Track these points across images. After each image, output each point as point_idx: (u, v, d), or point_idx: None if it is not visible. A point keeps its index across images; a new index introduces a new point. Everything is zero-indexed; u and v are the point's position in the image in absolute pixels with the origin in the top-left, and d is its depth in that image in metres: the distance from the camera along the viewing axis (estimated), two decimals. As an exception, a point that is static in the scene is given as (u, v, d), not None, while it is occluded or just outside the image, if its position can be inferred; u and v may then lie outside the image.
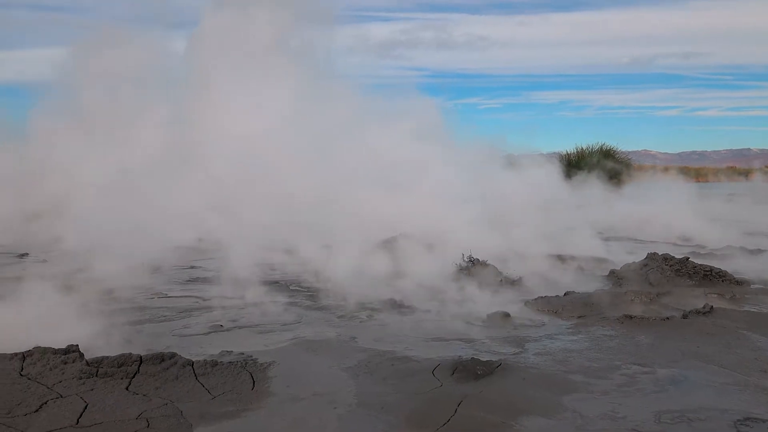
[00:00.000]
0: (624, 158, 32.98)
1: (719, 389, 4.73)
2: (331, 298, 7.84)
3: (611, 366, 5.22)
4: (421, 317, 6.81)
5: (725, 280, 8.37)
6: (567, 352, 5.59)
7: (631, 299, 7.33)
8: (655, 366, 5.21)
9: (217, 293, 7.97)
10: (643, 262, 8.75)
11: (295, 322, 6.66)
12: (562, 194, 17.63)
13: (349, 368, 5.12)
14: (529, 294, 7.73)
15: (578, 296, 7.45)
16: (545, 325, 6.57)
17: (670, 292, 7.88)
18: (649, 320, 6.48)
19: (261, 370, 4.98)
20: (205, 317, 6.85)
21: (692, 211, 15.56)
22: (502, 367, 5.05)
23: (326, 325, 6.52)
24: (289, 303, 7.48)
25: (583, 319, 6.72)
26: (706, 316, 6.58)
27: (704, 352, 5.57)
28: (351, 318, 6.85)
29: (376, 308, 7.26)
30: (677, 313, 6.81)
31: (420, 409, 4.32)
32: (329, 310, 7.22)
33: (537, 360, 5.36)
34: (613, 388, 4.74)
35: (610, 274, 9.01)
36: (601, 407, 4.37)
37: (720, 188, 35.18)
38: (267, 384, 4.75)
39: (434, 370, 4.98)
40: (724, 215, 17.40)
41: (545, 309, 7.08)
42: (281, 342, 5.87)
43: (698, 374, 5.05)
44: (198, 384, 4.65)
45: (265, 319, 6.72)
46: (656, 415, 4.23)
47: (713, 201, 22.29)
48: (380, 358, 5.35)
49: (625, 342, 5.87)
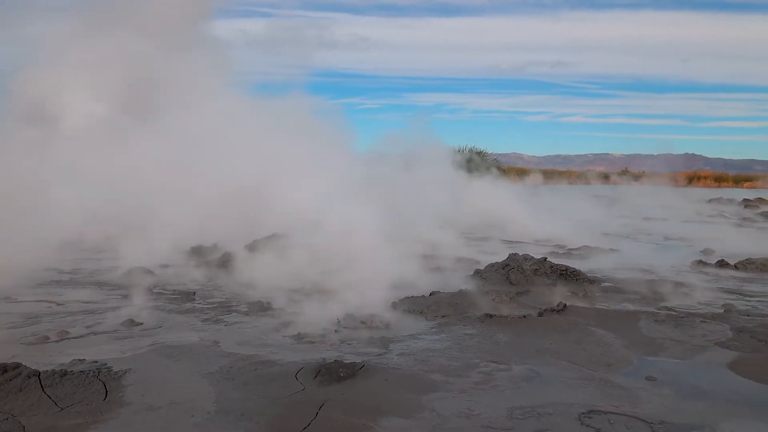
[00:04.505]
0: (493, 160, 34.31)
1: (568, 384, 5.00)
2: (197, 300, 7.64)
3: (470, 364, 5.39)
4: (288, 319, 6.74)
5: (579, 279, 8.87)
6: (429, 351, 5.72)
7: (492, 298, 7.61)
8: (511, 363, 5.44)
9: (75, 297, 7.57)
10: (505, 262, 9.11)
11: (156, 326, 6.42)
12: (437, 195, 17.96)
13: (209, 374, 5.00)
14: (396, 294, 7.85)
15: (443, 296, 7.65)
16: (410, 325, 6.69)
17: (529, 291, 8.26)
18: (508, 319, 6.76)
19: (115, 379, 4.77)
20: (57, 323, 6.46)
21: (554, 212, 16.41)
22: (365, 368, 5.09)
23: (189, 330, 6.33)
24: (150, 307, 7.20)
25: (446, 318, 6.91)
26: (560, 313, 6.95)
27: (557, 349, 5.87)
28: (216, 321, 6.69)
29: (242, 311, 7.14)
30: (534, 311, 7.14)
31: (281, 414, 4.28)
32: (193, 313, 7.03)
33: (400, 360, 5.45)
34: (470, 386, 4.90)
35: (474, 274, 9.32)
36: (457, 405, 4.50)
37: (582, 190, 37.30)
38: (121, 393, 4.55)
39: (297, 374, 4.95)
40: (584, 216, 18.47)
41: (411, 309, 7.22)
42: (139, 348, 5.64)
43: (550, 370, 5.32)
44: (44, 396, 4.38)
45: (124, 324, 6.43)
46: (509, 412, 4.41)
47: (576, 202, 23.63)
48: (243, 362, 5.26)
49: (485, 340, 6.09)
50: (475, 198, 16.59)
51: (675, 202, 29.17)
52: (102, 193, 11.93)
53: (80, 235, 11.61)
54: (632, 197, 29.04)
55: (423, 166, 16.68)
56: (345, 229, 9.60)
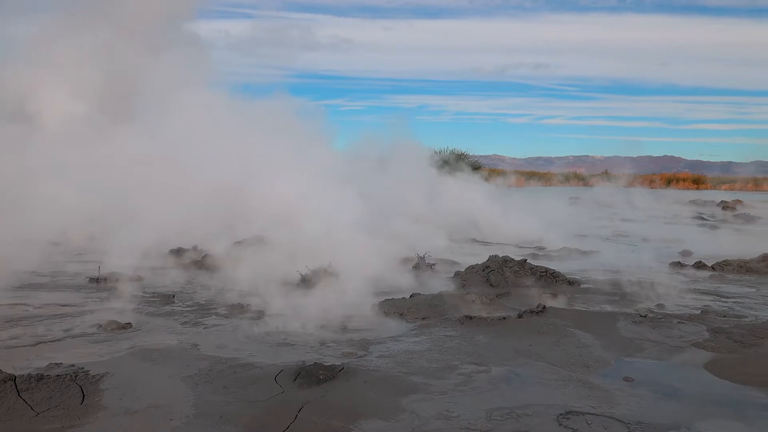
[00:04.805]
0: (475, 162, 34.44)
1: (546, 385, 5.04)
2: (176, 303, 7.60)
3: (450, 366, 5.41)
4: (267, 322, 6.72)
5: (558, 281, 8.94)
6: (409, 353, 5.74)
7: (472, 300, 7.63)
8: (490, 365, 5.47)
9: (53, 299, 7.51)
10: (485, 264, 9.15)
11: (135, 329, 6.38)
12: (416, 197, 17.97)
13: (188, 377, 4.97)
14: (377, 296, 7.85)
15: (423, 298, 7.67)
16: (390, 327, 6.70)
17: (508, 293, 8.30)
18: (488, 320, 6.79)
19: (93, 383, 4.73)
20: (34, 327, 6.39)
21: (534, 214, 16.48)
22: (345, 370, 5.09)
23: (168, 333, 6.30)
24: (129, 309, 7.15)
25: (426, 320, 6.93)
26: (539, 315, 6.99)
27: (535, 350, 5.91)
28: (195, 324, 6.66)
29: (222, 313, 7.11)
30: (514, 313, 7.17)
31: (260, 418, 4.27)
32: (172, 316, 6.99)
33: (380, 362, 5.46)
34: (450, 387, 4.92)
35: (455, 276, 9.36)
36: (437, 407, 4.52)
37: (563, 192, 37.53)
38: (98, 397, 4.52)
39: (277, 377, 4.94)
40: (563, 218, 18.58)
41: (392, 311, 7.22)
42: (117, 352, 5.59)
43: (529, 371, 5.35)
44: (20, 400, 4.33)
45: (102, 327, 6.37)
46: (488, 413, 4.43)
47: (555, 204, 23.77)
48: (222, 365, 5.24)
49: (464, 342, 6.11)
50: (455, 200, 16.60)
51: (654, 203, 29.42)
52: (83, 193, 11.85)
53: (61, 235, 11.52)
54: (612, 199, 29.25)
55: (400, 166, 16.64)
56: (326, 230, 9.61)
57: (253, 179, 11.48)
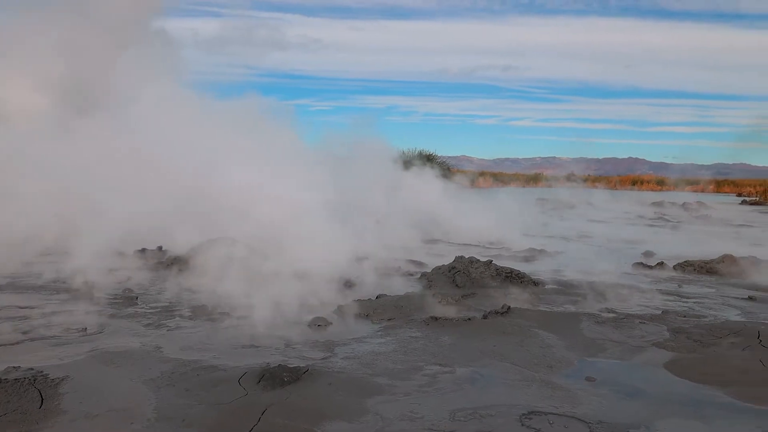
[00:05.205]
0: (443, 163, 34.55)
1: (510, 385, 5.08)
2: (140, 305, 7.50)
3: (414, 367, 5.42)
4: (233, 323, 6.67)
5: (524, 281, 9.01)
6: (374, 355, 5.74)
7: (438, 301, 7.66)
8: (455, 366, 5.49)
9: (12, 301, 7.36)
10: (451, 265, 9.20)
11: (97, 332, 6.28)
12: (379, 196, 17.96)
13: (150, 380, 4.91)
14: (342, 297, 7.84)
15: (389, 299, 7.68)
16: (356, 328, 6.69)
17: (474, 294, 8.35)
18: (453, 321, 6.83)
19: (52, 387, 4.64)
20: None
21: (501, 215, 16.60)
22: (309, 372, 5.07)
23: (130, 335, 6.21)
24: (91, 311, 7.03)
25: (392, 321, 6.94)
26: (504, 316, 7.04)
27: (500, 351, 5.96)
28: (158, 326, 6.58)
29: (186, 315, 7.04)
30: (479, 314, 7.22)
31: (223, 420, 4.24)
32: (135, 318, 6.89)
33: (344, 364, 5.45)
34: (414, 389, 4.93)
35: (421, 277, 9.38)
36: (401, 408, 4.53)
37: (530, 193, 37.88)
38: (57, 401, 4.44)
39: (240, 379, 4.91)
40: (529, 219, 18.76)
41: (357, 312, 7.22)
42: (78, 355, 5.50)
43: (493, 372, 5.39)
44: (-24, 405, 4.24)
45: (63, 329, 6.27)
46: (452, 414, 4.46)
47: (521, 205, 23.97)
48: (185, 368, 5.19)
49: (430, 343, 6.13)
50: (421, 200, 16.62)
51: (618, 205, 29.88)
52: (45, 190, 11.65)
53: (24, 235, 11.28)
54: (577, 200, 29.63)
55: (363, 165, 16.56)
56: (289, 227, 9.56)
57: (217, 175, 11.36)
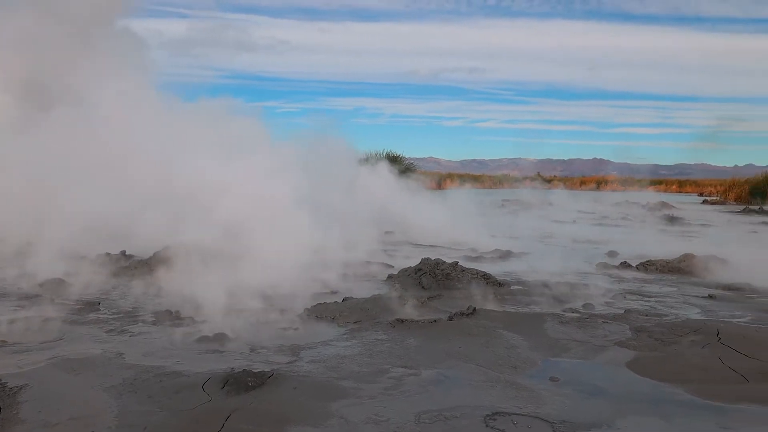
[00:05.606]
0: (409, 164, 34.61)
1: (475, 387, 5.11)
2: (102, 310, 7.38)
3: (380, 370, 5.42)
4: (197, 328, 6.59)
5: (490, 282, 9.07)
6: (340, 358, 5.72)
7: (404, 303, 7.67)
8: (420, 368, 5.50)
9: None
10: (418, 267, 9.22)
11: (57, 339, 6.16)
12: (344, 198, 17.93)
13: (112, 387, 4.83)
14: (308, 300, 7.81)
15: (356, 302, 7.67)
16: (322, 331, 6.66)
17: (441, 295, 8.38)
18: (419, 323, 6.84)
19: (10, 395, 4.55)
20: (-52, 338, 6.11)
21: (467, 216, 16.71)
22: (274, 377, 5.04)
23: (92, 341, 6.10)
24: (52, 317, 6.89)
25: (358, 324, 6.93)
26: (470, 317, 7.08)
27: (465, 352, 5.98)
28: (120, 332, 6.48)
29: (149, 321, 6.94)
30: (445, 315, 7.24)
31: (186, 427, 4.19)
32: (97, 324, 6.77)
33: (310, 368, 5.43)
34: (380, 391, 4.93)
35: (388, 279, 9.39)
36: (367, 412, 4.52)
37: (496, 194, 38.18)
38: (16, 410, 4.34)
39: (204, 385, 4.86)
40: (495, 220, 18.90)
41: (323, 315, 7.20)
42: (37, 362, 5.38)
43: (458, 373, 5.41)
44: (-70, 416, 4.14)
45: (21, 337, 6.14)
46: (417, 416, 4.46)
47: (487, 206, 24.16)
48: (148, 374, 5.12)
49: (395, 346, 6.14)
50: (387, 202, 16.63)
51: (583, 205, 30.26)
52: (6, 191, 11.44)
53: None
54: (542, 201, 29.95)
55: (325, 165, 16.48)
56: (258, 233, 9.49)
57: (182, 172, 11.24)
